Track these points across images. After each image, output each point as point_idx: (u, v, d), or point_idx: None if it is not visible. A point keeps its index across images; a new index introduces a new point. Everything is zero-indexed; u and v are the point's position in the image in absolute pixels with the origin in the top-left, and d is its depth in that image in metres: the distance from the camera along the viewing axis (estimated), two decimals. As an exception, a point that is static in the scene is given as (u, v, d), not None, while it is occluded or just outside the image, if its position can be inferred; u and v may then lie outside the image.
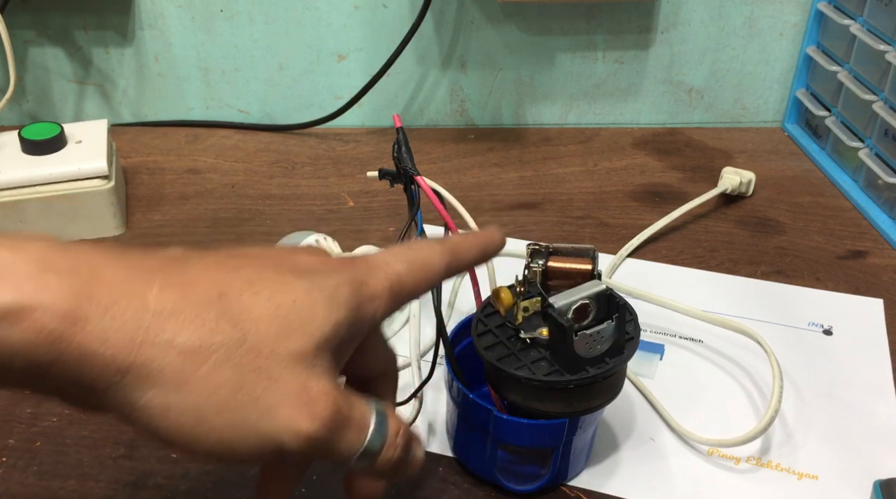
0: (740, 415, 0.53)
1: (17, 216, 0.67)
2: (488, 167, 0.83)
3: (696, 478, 0.49)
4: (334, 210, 0.75)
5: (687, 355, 0.58)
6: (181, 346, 0.28)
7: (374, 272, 0.33)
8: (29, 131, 0.70)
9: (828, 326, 0.61)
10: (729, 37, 0.88)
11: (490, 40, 0.87)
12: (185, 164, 0.82)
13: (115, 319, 0.27)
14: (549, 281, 0.46)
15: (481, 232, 0.41)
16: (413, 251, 0.36)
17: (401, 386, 0.55)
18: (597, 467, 0.49)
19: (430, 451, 0.50)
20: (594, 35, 0.87)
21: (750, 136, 0.91)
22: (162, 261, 0.30)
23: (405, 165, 0.49)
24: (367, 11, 0.85)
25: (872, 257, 0.70)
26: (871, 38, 0.74)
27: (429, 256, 0.36)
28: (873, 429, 0.52)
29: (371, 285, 0.33)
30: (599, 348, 0.43)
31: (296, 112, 0.91)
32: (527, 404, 0.44)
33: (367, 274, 0.33)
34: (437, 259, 0.36)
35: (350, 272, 0.32)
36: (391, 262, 0.34)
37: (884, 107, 0.73)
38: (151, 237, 0.71)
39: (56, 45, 0.86)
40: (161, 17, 0.85)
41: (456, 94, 0.90)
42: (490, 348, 0.44)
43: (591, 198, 0.77)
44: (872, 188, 0.76)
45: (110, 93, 0.89)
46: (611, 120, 0.93)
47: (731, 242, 0.71)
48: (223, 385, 0.28)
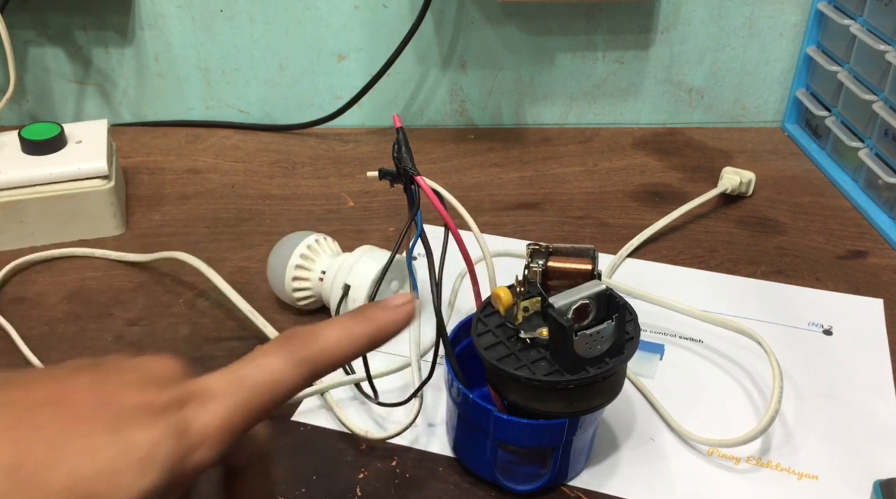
0: (740, 415, 0.53)
1: (17, 216, 0.68)
2: (488, 167, 0.83)
3: (696, 478, 0.49)
4: (334, 210, 0.75)
5: (687, 355, 0.58)
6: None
7: (204, 410, 0.29)
8: (29, 131, 0.70)
9: (828, 326, 0.61)
10: (729, 37, 0.88)
11: (490, 40, 0.87)
12: (185, 164, 0.83)
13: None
14: (549, 281, 0.46)
15: (368, 317, 0.34)
16: (258, 370, 0.32)
17: (401, 386, 0.55)
18: (597, 467, 0.49)
19: (430, 451, 0.50)
20: (594, 35, 0.87)
21: (750, 136, 0.91)
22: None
23: (405, 165, 0.49)
24: (367, 11, 0.85)
25: (872, 257, 0.70)
26: (871, 38, 0.74)
27: (278, 373, 0.31)
28: (873, 429, 0.52)
29: (197, 429, 0.29)
30: (599, 348, 0.43)
31: (296, 112, 0.91)
32: (527, 404, 0.44)
33: (195, 415, 0.29)
34: (288, 375, 0.32)
35: (174, 419, 0.28)
36: (228, 391, 0.30)
37: (884, 107, 0.73)
38: (151, 237, 0.71)
39: (56, 45, 0.86)
40: (161, 17, 0.85)
41: (456, 94, 0.90)
42: (490, 348, 0.44)
43: (591, 198, 0.77)
44: (872, 188, 0.76)
45: (110, 93, 0.89)
46: (611, 120, 0.93)
47: (731, 242, 0.71)
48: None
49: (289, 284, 0.59)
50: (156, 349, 0.58)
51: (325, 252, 0.60)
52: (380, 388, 0.52)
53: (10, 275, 0.66)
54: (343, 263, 0.57)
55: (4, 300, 0.63)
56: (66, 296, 0.64)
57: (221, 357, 0.57)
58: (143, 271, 0.66)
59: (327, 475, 0.48)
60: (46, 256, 0.68)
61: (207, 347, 0.58)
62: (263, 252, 0.68)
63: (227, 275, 0.61)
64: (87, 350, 0.58)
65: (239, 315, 0.59)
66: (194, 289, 0.64)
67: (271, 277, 0.60)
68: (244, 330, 0.60)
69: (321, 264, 0.59)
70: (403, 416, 0.51)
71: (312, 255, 0.59)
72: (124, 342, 0.59)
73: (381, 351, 0.58)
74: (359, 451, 0.50)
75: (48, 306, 0.62)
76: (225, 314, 0.61)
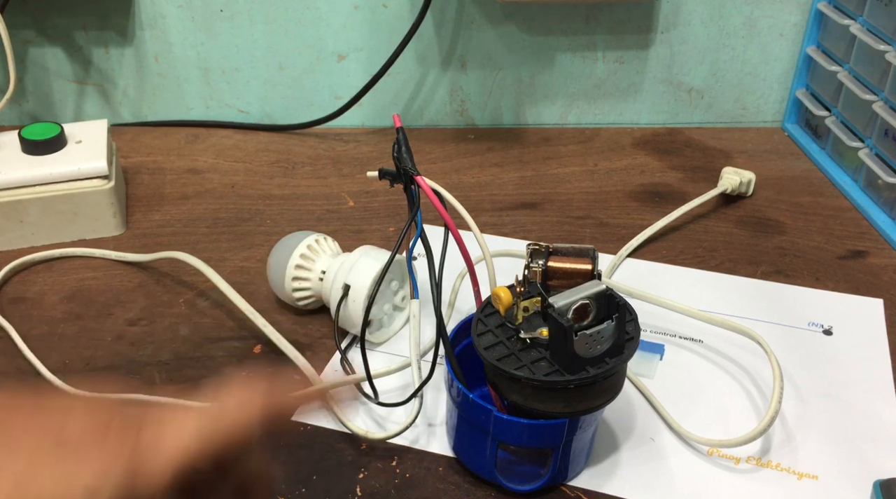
0: (740, 415, 0.53)
1: (17, 216, 0.68)
2: (488, 167, 0.83)
3: (696, 478, 0.49)
4: (334, 210, 0.75)
5: (687, 355, 0.58)
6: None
7: (153, 454, 0.28)
8: (29, 131, 0.70)
9: (828, 326, 0.61)
10: (729, 37, 0.88)
11: (490, 40, 0.87)
12: (185, 164, 0.83)
13: None
14: (549, 281, 0.46)
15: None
16: (210, 418, 0.30)
17: (401, 386, 0.55)
18: (597, 467, 0.49)
19: (430, 451, 0.50)
20: (594, 35, 0.87)
21: (750, 136, 0.91)
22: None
23: (405, 165, 0.49)
24: (367, 11, 0.85)
25: (872, 257, 0.70)
26: (871, 38, 0.74)
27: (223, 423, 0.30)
28: (873, 429, 0.52)
29: (146, 476, 0.27)
30: (599, 348, 0.43)
31: (296, 112, 0.91)
32: (527, 404, 0.44)
33: (141, 460, 0.27)
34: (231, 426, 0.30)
35: (120, 463, 0.27)
36: (177, 437, 0.28)
37: (884, 107, 0.73)
38: (151, 237, 0.71)
39: (56, 45, 0.86)
40: (161, 17, 0.85)
41: (456, 94, 0.90)
42: (490, 348, 0.44)
43: (591, 198, 0.77)
44: (872, 188, 0.76)
45: (110, 93, 0.89)
46: (611, 120, 0.93)
47: (730, 242, 0.71)
48: None
49: (289, 284, 0.59)
50: (156, 349, 0.58)
51: (325, 252, 0.60)
52: (380, 388, 0.52)
53: (10, 275, 0.66)
54: (343, 263, 0.57)
55: (4, 300, 0.63)
56: (66, 296, 0.64)
57: (221, 357, 0.57)
58: (143, 271, 0.66)
59: (327, 475, 0.48)
60: (46, 256, 0.68)
61: (207, 347, 0.58)
62: (263, 252, 0.68)
63: (227, 275, 0.61)
64: (87, 350, 0.58)
65: (239, 315, 0.59)
66: (194, 289, 0.64)
67: (271, 277, 0.60)
68: (244, 330, 0.60)
69: (321, 264, 0.59)
70: (403, 416, 0.51)
71: (312, 255, 0.59)
72: (124, 342, 0.59)
73: (381, 351, 0.58)
74: (359, 451, 0.50)
75: (48, 306, 0.62)
76: (225, 314, 0.61)
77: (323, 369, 0.56)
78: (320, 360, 0.57)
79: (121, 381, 0.55)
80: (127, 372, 0.56)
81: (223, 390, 0.31)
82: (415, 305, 0.53)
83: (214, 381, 0.31)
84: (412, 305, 0.53)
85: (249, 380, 0.31)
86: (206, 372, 0.56)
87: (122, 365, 0.57)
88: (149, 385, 0.55)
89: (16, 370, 0.56)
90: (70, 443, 0.27)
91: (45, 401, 0.29)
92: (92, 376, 0.56)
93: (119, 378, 0.55)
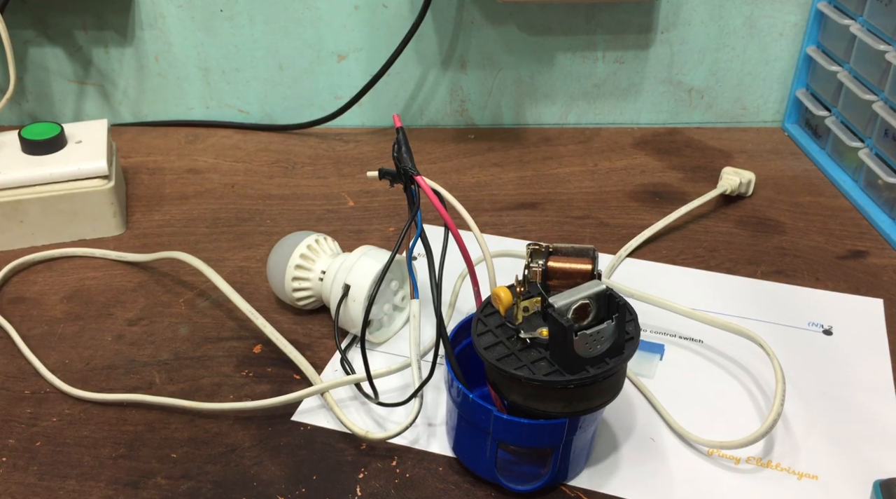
0: (740, 415, 0.53)
1: (17, 216, 0.68)
2: (488, 167, 0.83)
3: (696, 478, 0.49)
4: (334, 210, 0.75)
5: (687, 355, 0.58)
6: None
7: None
8: (29, 131, 0.70)
9: (828, 326, 0.61)
10: (729, 37, 0.88)
11: (490, 40, 0.87)
12: (185, 164, 0.83)
13: None
14: (549, 281, 0.46)
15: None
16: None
17: (401, 386, 0.55)
18: (597, 467, 0.49)
19: (430, 451, 0.50)
20: (594, 35, 0.87)
21: (750, 136, 0.91)
22: None
23: (405, 165, 0.49)
24: (367, 11, 0.85)
25: (872, 257, 0.70)
26: (871, 38, 0.74)
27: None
28: (873, 429, 0.52)
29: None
30: (599, 348, 0.43)
31: (296, 112, 0.91)
32: (527, 404, 0.44)
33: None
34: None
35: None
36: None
37: (884, 107, 0.73)
38: (151, 237, 0.71)
39: (56, 45, 0.86)
40: (161, 17, 0.85)
41: (456, 94, 0.90)
42: (490, 348, 0.44)
43: (591, 198, 0.77)
44: (872, 188, 0.76)
45: (110, 93, 0.89)
46: (611, 120, 0.93)
47: (730, 242, 0.71)
48: None
49: (289, 284, 0.59)
50: (156, 349, 0.58)
51: (325, 252, 0.60)
52: (380, 388, 0.52)
53: (10, 275, 0.66)
54: (343, 263, 0.57)
55: (4, 300, 0.63)
56: (66, 296, 0.64)
57: (221, 357, 0.57)
58: (143, 271, 0.66)
59: (327, 475, 0.48)
60: (46, 256, 0.68)
61: (207, 347, 0.58)
62: (263, 252, 0.68)
63: (227, 275, 0.61)
64: (87, 350, 0.58)
65: (239, 315, 0.59)
66: (194, 289, 0.64)
67: (271, 277, 0.60)
68: (244, 330, 0.60)
69: (321, 264, 0.59)
70: (403, 416, 0.51)
71: (312, 255, 0.59)
72: (124, 342, 0.59)
73: (381, 351, 0.58)
74: (359, 451, 0.50)
75: (48, 306, 0.62)
76: (225, 314, 0.61)
77: (323, 369, 0.56)
78: (320, 360, 0.57)
79: (121, 381, 0.55)
80: (127, 372, 0.56)
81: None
82: (415, 305, 0.53)
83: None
84: (412, 305, 0.53)
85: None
86: (206, 372, 0.56)
87: (122, 365, 0.57)
88: (148, 385, 0.55)
89: (16, 370, 0.56)
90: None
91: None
92: (92, 376, 0.56)
93: (119, 378, 0.55)
